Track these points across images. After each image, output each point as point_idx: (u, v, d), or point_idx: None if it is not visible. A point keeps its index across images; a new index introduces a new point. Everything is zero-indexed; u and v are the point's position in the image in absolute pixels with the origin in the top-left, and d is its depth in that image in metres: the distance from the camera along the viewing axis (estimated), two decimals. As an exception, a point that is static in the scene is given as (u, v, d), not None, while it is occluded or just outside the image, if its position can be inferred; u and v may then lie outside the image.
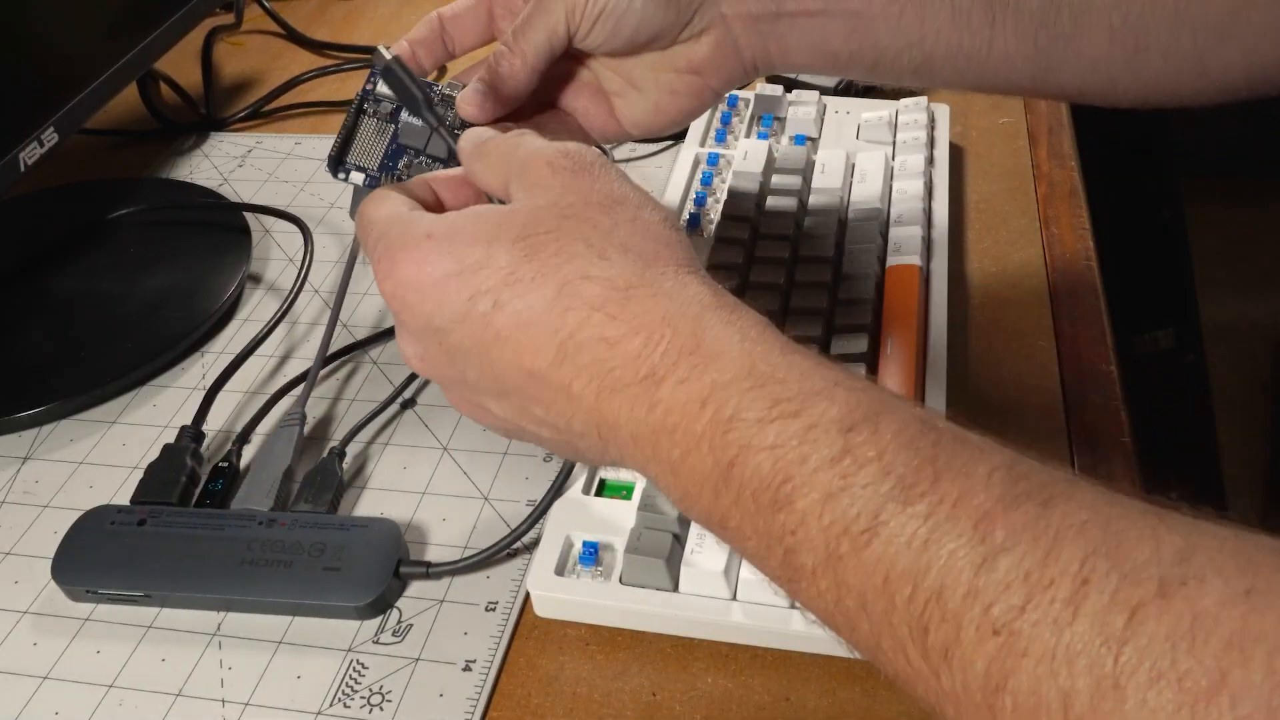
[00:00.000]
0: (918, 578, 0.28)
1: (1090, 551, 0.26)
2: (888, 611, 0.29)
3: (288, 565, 0.47)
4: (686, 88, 0.51)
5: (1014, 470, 0.29)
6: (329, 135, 0.82)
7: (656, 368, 0.34)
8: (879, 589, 0.29)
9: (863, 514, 0.29)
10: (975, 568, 0.27)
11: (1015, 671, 0.26)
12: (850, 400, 0.32)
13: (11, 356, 0.63)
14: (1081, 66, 0.49)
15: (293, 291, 0.64)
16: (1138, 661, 0.25)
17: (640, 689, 0.44)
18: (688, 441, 0.33)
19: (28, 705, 0.45)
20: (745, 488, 0.32)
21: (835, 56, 0.49)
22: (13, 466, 0.57)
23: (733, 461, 0.32)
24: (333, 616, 0.47)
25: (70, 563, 0.49)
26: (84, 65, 0.66)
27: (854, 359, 0.52)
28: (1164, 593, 0.25)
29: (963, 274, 0.62)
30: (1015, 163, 0.71)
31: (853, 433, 0.31)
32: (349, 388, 0.59)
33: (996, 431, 0.30)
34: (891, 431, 0.31)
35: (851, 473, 0.30)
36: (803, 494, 0.30)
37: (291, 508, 0.51)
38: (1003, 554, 0.27)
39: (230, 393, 0.59)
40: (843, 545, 0.30)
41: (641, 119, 0.52)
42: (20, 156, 0.59)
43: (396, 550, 0.48)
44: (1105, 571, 0.26)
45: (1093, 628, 0.25)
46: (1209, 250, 1.45)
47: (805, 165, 0.65)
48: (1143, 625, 0.25)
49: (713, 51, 0.50)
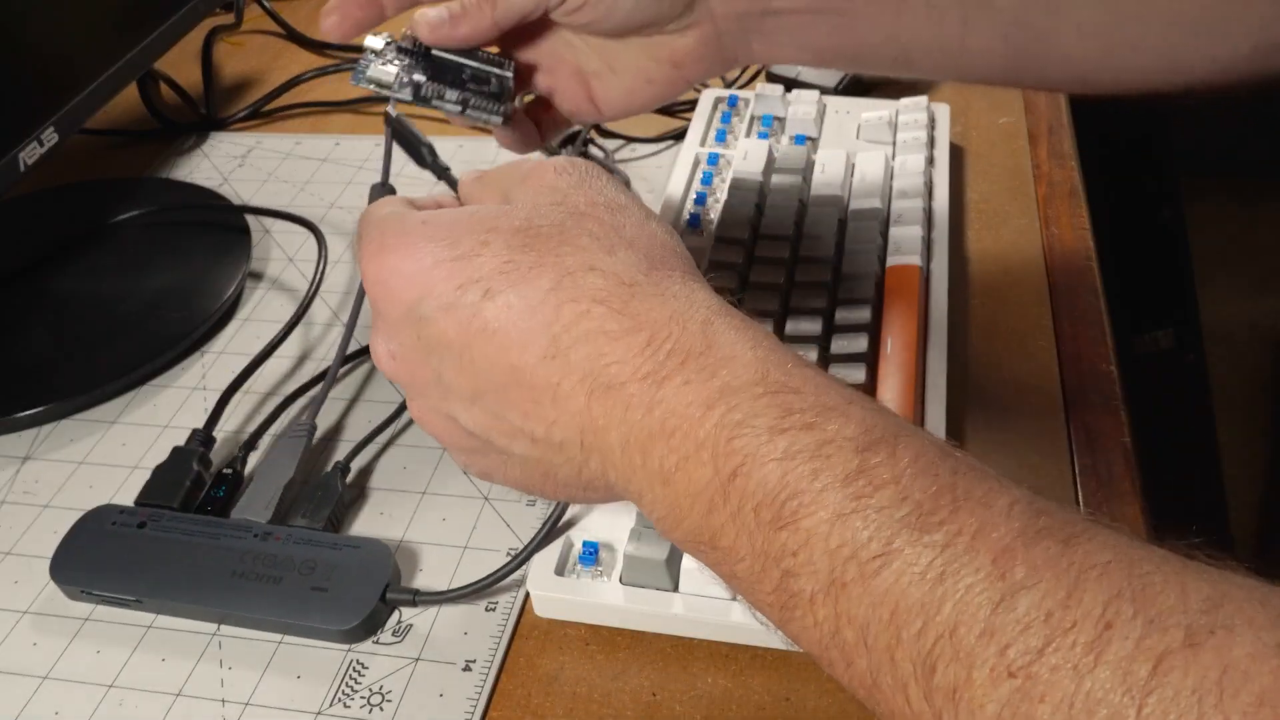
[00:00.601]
0: (930, 612, 0.26)
1: (1115, 594, 0.25)
2: (891, 646, 0.27)
3: (276, 581, 0.47)
4: (663, 77, 0.52)
5: (1034, 505, 0.28)
6: (329, 135, 0.82)
7: (661, 366, 0.32)
8: (885, 621, 0.27)
9: (875, 539, 0.28)
10: (993, 605, 0.26)
11: (1029, 718, 0.25)
12: (867, 420, 0.30)
13: (11, 356, 0.63)
14: (1053, 61, 0.49)
15: (308, 295, 0.63)
16: (1162, 714, 0.23)
17: (640, 689, 0.44)
18: (686, 447, 0.31)
19: (28, 705, 0.45)
20: (747, 501, 0.30)
21: (818, 51, 0.51)
22: (13, 466, 0.57)
23: (735, 472, 0.30)
24: (316, 638, 0.46)
25: (69, 562, 0.49)
26: (84, 65, 0.66)
27: (854, 359, 0.52)
28: (1191, 642, 0.24)
29: (963, 274, 0.62)
30: (1015, 163, 0.71)
31: (869, 453, 0.29)
32: (359, 391, 0.59)
33: (997, 431, 0.29)
34: (910, 456, 0.29)
35: (866, 494, 0.28)
36: (810, 512, 0.29)
37: (289, 522, 0.50)
38: (1023, 592, 0.26)
39: (240, 393, 0.59)
40: (849, 571, 0.28)
41: (615, 100, 0.53)
42: (20, 156, 0.59)
43: (385, 575, 0.47)
44: (1130, 616, 0.25)
45: (1115, 676, 0.24)
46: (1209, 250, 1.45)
47: (805, 165, 0.65)
48: (1168, 676, 0.24)
49: (696, 45, 0.51)
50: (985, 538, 0.27)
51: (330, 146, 0.80)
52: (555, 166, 0.39)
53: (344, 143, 0.81)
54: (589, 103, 0.53)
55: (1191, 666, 0.24)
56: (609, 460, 0.34)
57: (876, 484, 0.28)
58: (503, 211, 0.37)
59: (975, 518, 0.27)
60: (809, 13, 0.49)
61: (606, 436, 0.33)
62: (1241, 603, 0.25)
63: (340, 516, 0.52)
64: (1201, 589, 0.25)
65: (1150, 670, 0.24)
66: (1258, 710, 0.23)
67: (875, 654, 0.28)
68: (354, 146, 0.80)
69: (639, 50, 0.51)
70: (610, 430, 0.33)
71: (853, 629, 0.28)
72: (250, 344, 0.63)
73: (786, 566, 0.29)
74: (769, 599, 0.30)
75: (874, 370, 0.52)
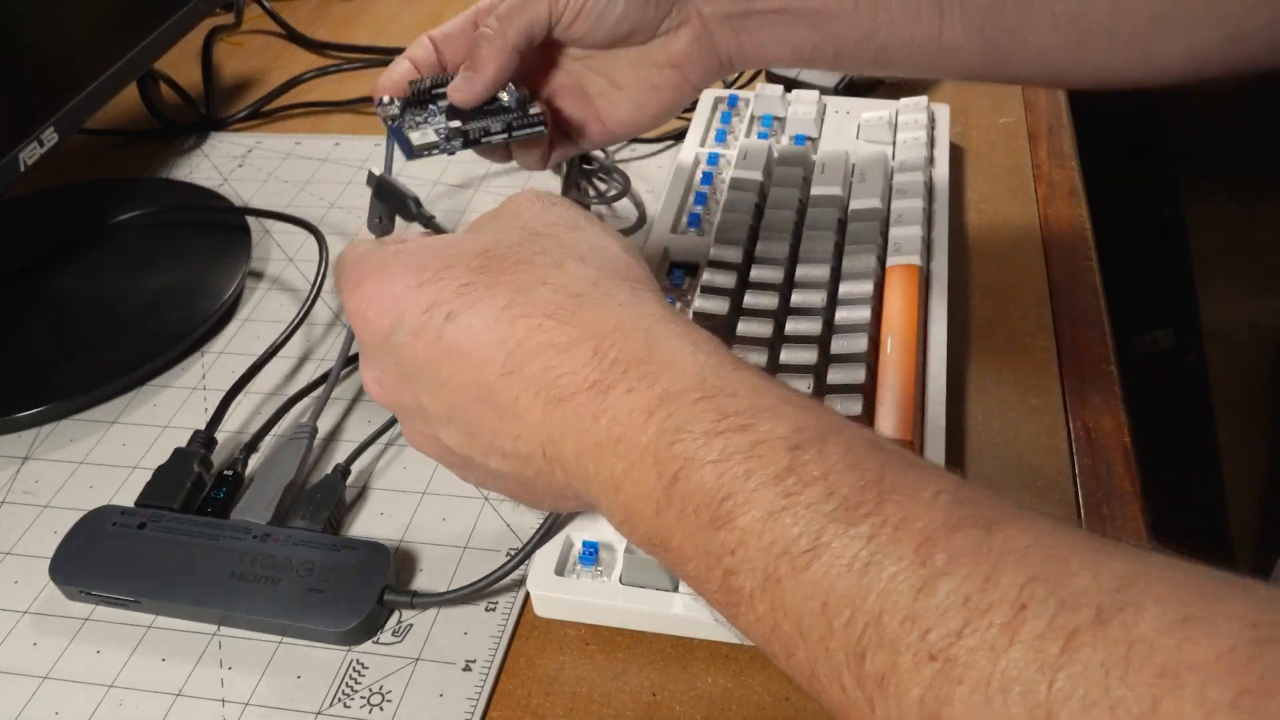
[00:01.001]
0: (857, 601, 0.27)
1: (1031, 577, 0.26)
2: (825, 637, 0.28)
3: (275, 582, 0.46)
4: (666, 82, 0.53)
5: (959, 494, 0.29)
6: (329, 135, 0.82)
7: (605, 375, 0.33)
8: (817, 613, 0.28)
9: (804, 534, 0.29)
10: (915, 592, 0.27)
11: (950, 700, 0.26)
12: (799, 419, 0.31)
13: (11, 356, 0.63)
14: (1029, 54, 0.51)
15: (310, 296, 0.63)
16: (1071, 689, 0.24)
17: (640, 689, 0.44)
18: (632, 454, 0.32)
19: (28, 705, 0.45)
20: (688, 503, 0.31)
21: (801, 49, 0.52)
22: (13, 466, 0.57)
23: (676, 475, 0.31)
24: (314, 640, 0.46)
25: (68, 561, 0.49)
26: (84, 65, 0.66)
27: (854, 359, 0.52)
28: (1101, 619, 0.25)
29: (963, 274, 0.62)
30: (1015, 163, 0.71)
31: (799, 450, 0.30)
32: (360, 393, 0.59)
33: (997, 431, 0.30)
34: (839, 452, 0.30)
35: (795, 491, 0.29)
36: (744, 511, 0.30)
37: (289, 523, 0.50)
38: (943, 578, 0.27)
39: (241, 394, 0.59)
40: (782, 566, 0.29)
41: (625, 117, 0.54)
42: (20, 156, 0.59)
43: (383, 576, 0.47)
44: (1043, 597, 0.25)
45: (1028, 654, 0.25)
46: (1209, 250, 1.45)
47: (805, 165, 0.65)
48: (1078, 652, 0.24)
49: (690, 45, 0.52)
50: (909, 528, 0.28)
51: (330, 146, 0.80)
52: (522, 199, 0.41)
53: (344, 143, 0.81)
54: (598, 124, 0.55)
55: (1100, 642, 0.24)
56: (569, 470, 0.35)
57: (806, 481, 0.29)
58: (467, 238, 0.39)
59: (900, 509, 0.28)
60: (786, 12, 0.51)
61: (563, 447, 0.34)
62: (1152, 580, 0.25)
63: (340, 517, 0.52)
64: (1115, 569, 0.26)
65: (1061, 648, 0.25)
66: (1160, 681, 0.23)
67: (811, 645, 0.29)
68: (354, 146, 0.80)
69: (637, 60, 0.53)
70: (566, 441, 0.34)
71: (789, 622, 0.29)
72: (250, 344, 0.63)
73: (727, 565, 0.30)
74: (716, 596, 0.32)
75: (874, 370, 0.52)
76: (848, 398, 0.50)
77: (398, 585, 0.48)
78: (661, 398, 0.32)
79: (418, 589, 0.48)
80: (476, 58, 0.50)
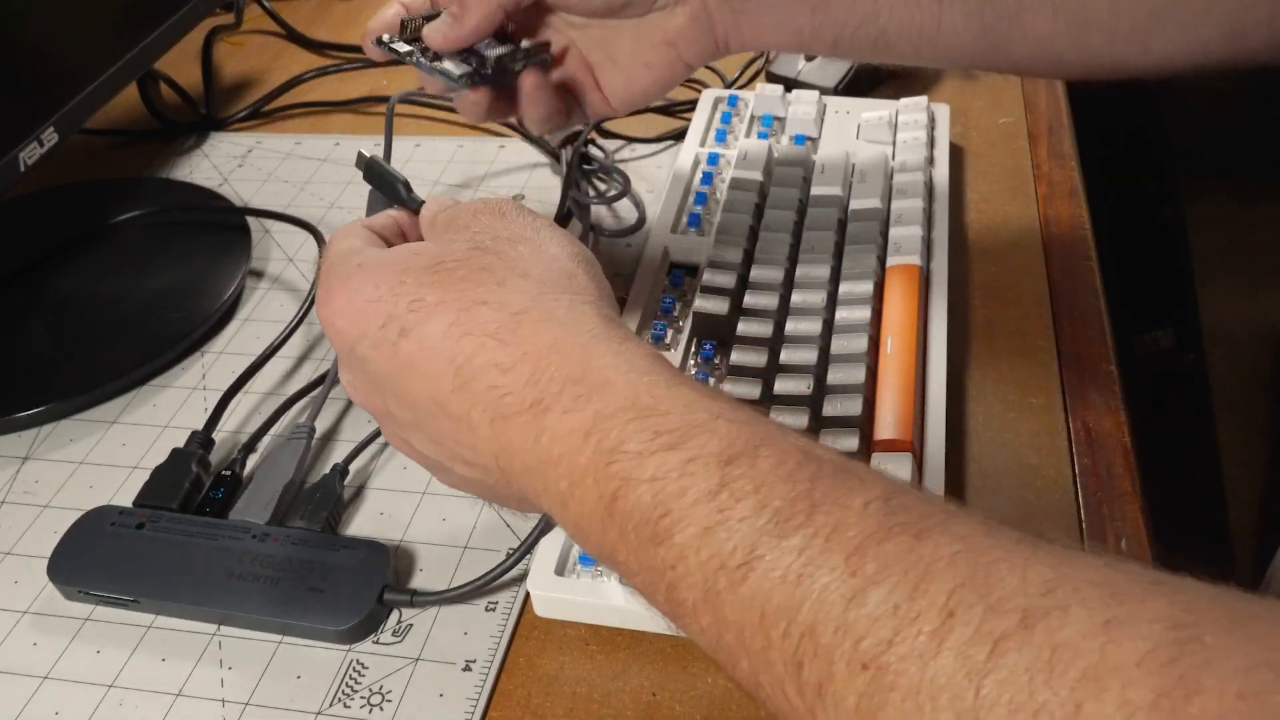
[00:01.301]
0: (792, 613, 0.28)
1: (959, 583, 0.26)
2: (765, 648, 0.28)
3: (274, 582, 0.47)
4: (660, 59, 0.53)
5: (891, 502, 0.29)
6: (329, 135, 0.82)
7: (543, 395, 0.34)
8: (755, 625, 0.29)
9: (739, 548, 0.29)
10: (846, 601, 0.27)
11: (884, 707, 0.26)
12: (731, 433, 0.31)
13: (11, 356, 0.63)
14: (1027, 42, 0.51)
15: (309, 296, 0.63)
16: (997, 695, 0.24)
17: (640, 689, 0.44)
18: (573, 473, 0.33)
19: (28, 705, 0.45)
20: (628, 521, 0.31)
21: (800, 34, 0.52)
22: (13, 466, 0.57)
23: (615, 494, 0.32)
24: (313, 638, 0.46)
25: (66, 561, 0.49)
26: (84, 65, 0.66)
27: (854, 359, 0.52)
28: (1027, 624, 0.25)
29: (963, 274, 0.62)
30: (1015, 163, 0.71)
31: (731, 465, 0.30)
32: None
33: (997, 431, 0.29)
34: (770, 464, 0.30)
35: (728, 506, 0.30)
36: (681, 528, 0.30)
37: (287, 523, 0.50)
38: (873, 587, 0.27)
39: (240, 394, 0.59)
40: (720, 580, 0.29)
41: (619, 90, 0.55)
42: (20, 156, 0.59)
43: (383, 576, 0.47)
44: (971, 603, 0.26)
45: (956, 661, 0.25)
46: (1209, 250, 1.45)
47: (805, 165, 0.65)
48: (1005, 658, 0.25)
49: (688, 24, 0.52)
50: (840, 538, 0.28)
51: (330, 146, 0.80)
52: (475, 208, 0.42)
53: (344, 143, 0.81)
54: (598, 92, 0.55)
55: (1025, 647, 0.25)
56: (521, 483, 0.36)
57: (738, 495, 0.30)
58: (421, 250, 0.40)
59: (831, 519, 0.29)
60: None
61: (512, 462, 0.35)
62: (1080, 583, 0.26)
63: (339, 517, 0.52)
64: (1043, 573, 0.26)
65: (988, 653, 0.25)
66: (1083, 684, 0.24)
67: (753, 656, 0.29)
68: (354, 146, 0.80)
69: (633, 35, 0.53)
70: (514, 457, 0.35)
71: (731, 633, 0.29)
72: (250, 344, 0.63)
73: (669, 579, 0.31)
74: (664, 608, 0.32)
75: (874, 370, 0.52)
76: (848, 398, 0.50)
77: (397, 585, 0.48)
78: (596, 418, 0.33)
79: (417, 588, 0.48)
80: (463, 3, 0.50)
